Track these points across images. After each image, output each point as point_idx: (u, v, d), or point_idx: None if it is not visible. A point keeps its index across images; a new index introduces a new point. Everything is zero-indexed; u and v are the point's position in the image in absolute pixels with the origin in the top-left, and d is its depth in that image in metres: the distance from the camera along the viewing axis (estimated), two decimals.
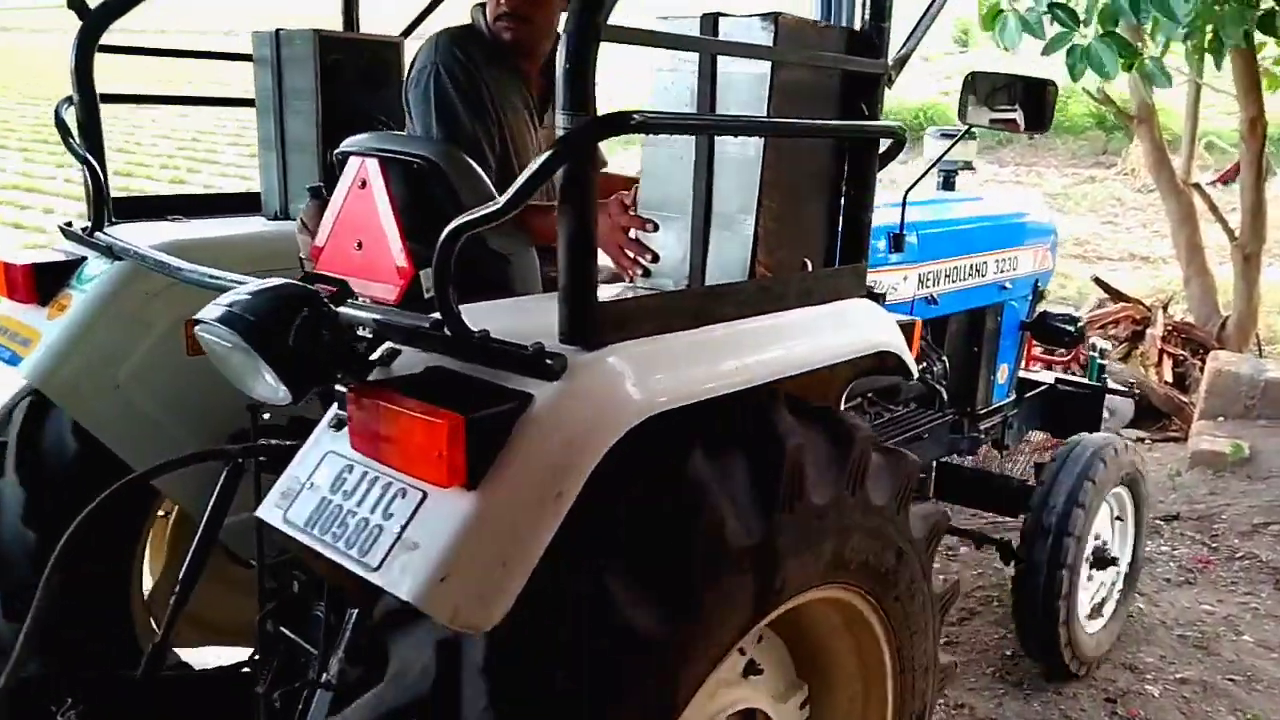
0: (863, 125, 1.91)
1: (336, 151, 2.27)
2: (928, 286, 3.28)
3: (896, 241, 3.09)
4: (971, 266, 3.47)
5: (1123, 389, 4.14)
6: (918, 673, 2.17)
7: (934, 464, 3.44)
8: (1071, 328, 3.89)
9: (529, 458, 1.35)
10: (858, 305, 1.99)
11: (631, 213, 1.97)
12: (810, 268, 1.92)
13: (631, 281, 2.00)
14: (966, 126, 3.09)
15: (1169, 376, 6.45)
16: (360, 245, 2.14)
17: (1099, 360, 4.14)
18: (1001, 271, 3.63)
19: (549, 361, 1.40)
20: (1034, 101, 3.09)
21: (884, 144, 2.04)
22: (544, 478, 1.35)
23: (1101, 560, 3.57)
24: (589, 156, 1.44)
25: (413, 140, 2.28)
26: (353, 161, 2.17)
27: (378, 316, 1.63)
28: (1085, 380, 4.19)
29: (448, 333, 1.50)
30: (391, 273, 2.08)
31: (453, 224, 1.47)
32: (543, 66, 2.48)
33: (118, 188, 2.57)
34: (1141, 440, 5.79)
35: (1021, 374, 4.24)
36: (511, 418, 1.36)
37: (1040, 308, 4.14)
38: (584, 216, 1.44)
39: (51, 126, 2.50)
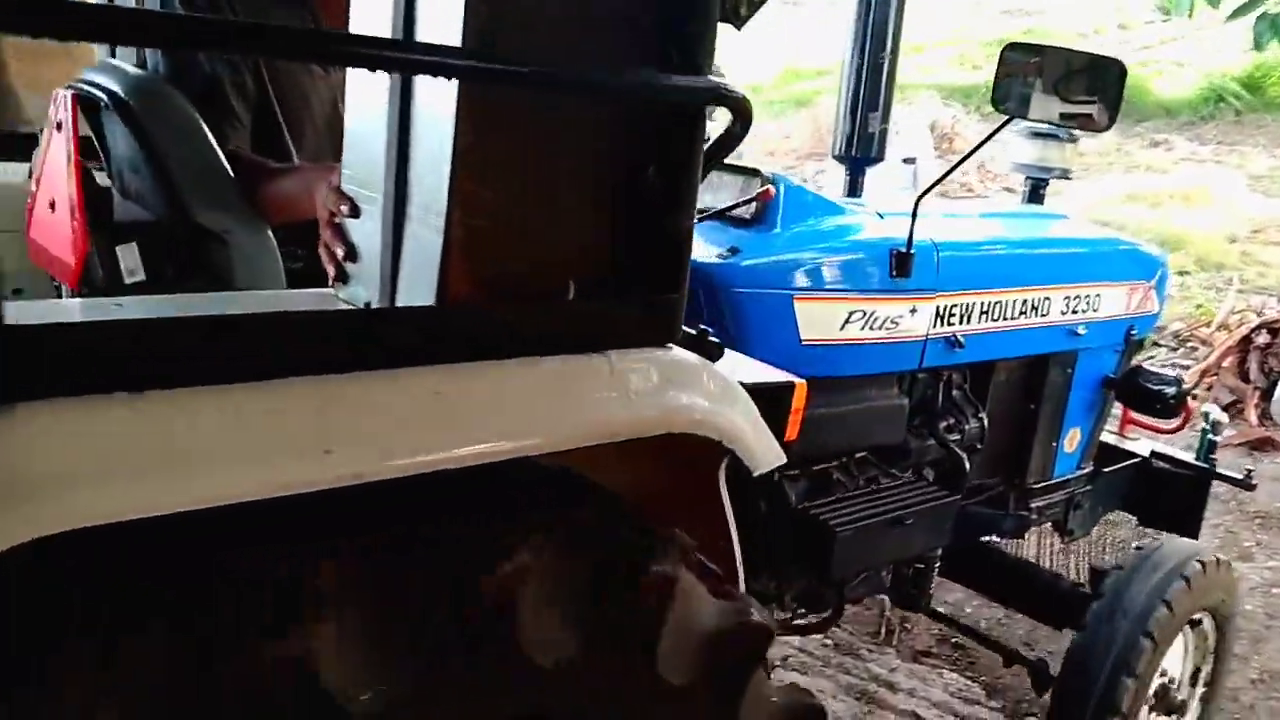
0: (663, 83, 1.21)
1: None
2: (949, 324, 2.50)
3: (901, 262, 2.33)
4: (1024, 302, 2.65)
5: (1236, 476, 3.20)
6: None
7: (937, 557, 2.65)
8: (1170, 390, 3.00)
9: None
10: (655, 360, 1.29)
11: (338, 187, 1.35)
12: (573, 294, 1.25)
13: (332, 287, 1.38)
14: (1005, 119, 2.27)
15: None
16: (53, 205, 1.61)
17: (1210, 436, 3.22)
18: (1074, 312, 2.80)
19: None
20: (1110, 89, 2.28)
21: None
22: None
23: (1168, 706, 2.72)
24: None
25: (105, 69, 1.71)
26: (58, 96, 1.64)
27: None
28: (1189, 459, 3.27)
29: None
30: (65, 243, 1.54)
31: None
32: None
33: None
34: None
35: (1111, 440, 3.38)
36: None
37: (1142, 359, 3.27)
38: None
39: None
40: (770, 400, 1.47)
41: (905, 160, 6.19)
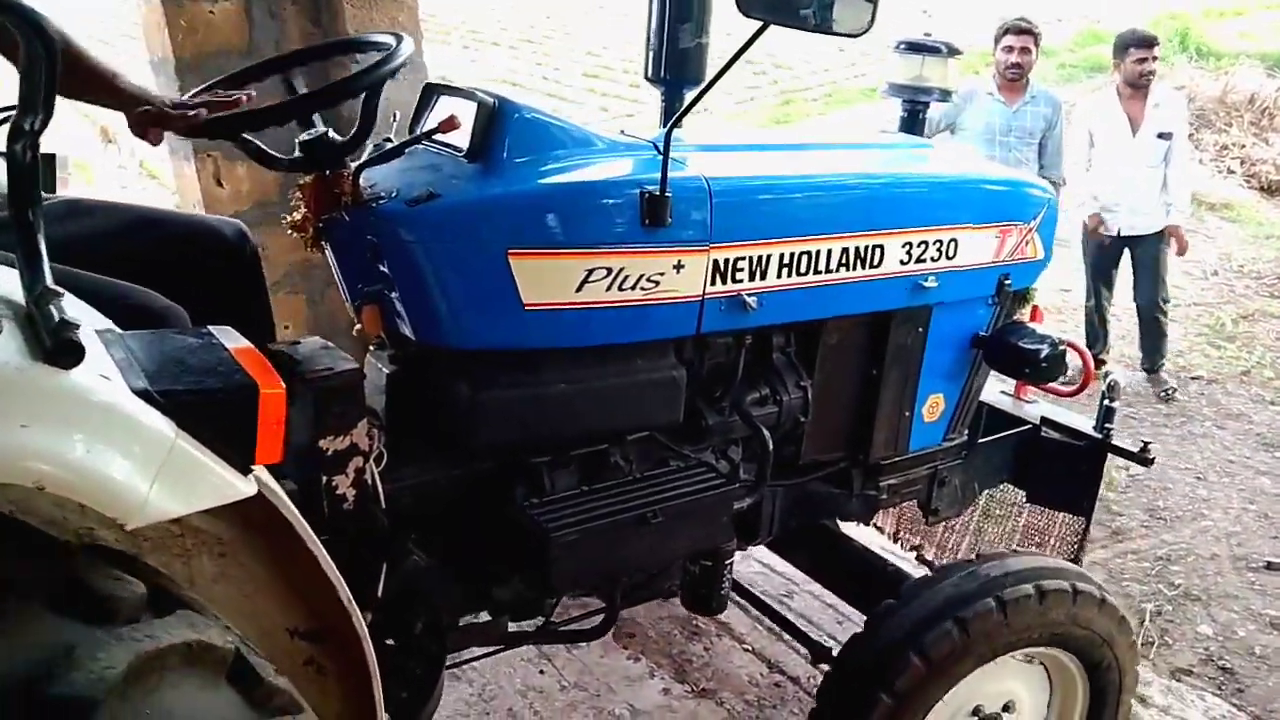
0: None
1: None
2: (734, 280, 2.07)
3: (653, 208, 1.90)
4: (843, 252, 2.21)
5: (1132, 450, 2.76)
6: None
7: (729, 553, 2.25)
8: (1042, 348, 2.55)
9: None
10: None
11: None
12: None
13: None
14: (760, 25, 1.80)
15: None
16: None
17: (1108, 402, 2.77)
18: (918, 261, 2.34)
19: None
20: None
21: None
22: None
23: None
24: None
25: None
26: None
27: None
28: (1083, 428, 2.83)
29: None
30: None
31: None
32: None
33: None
34: None
35: (1007, 406, 2.95)
36: None
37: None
38: None
39: None
40: (219, 414, 1.09)
41: (1160, 135, 5.58)
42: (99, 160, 9.99)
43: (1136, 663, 2.42)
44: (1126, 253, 5.93)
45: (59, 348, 0.96)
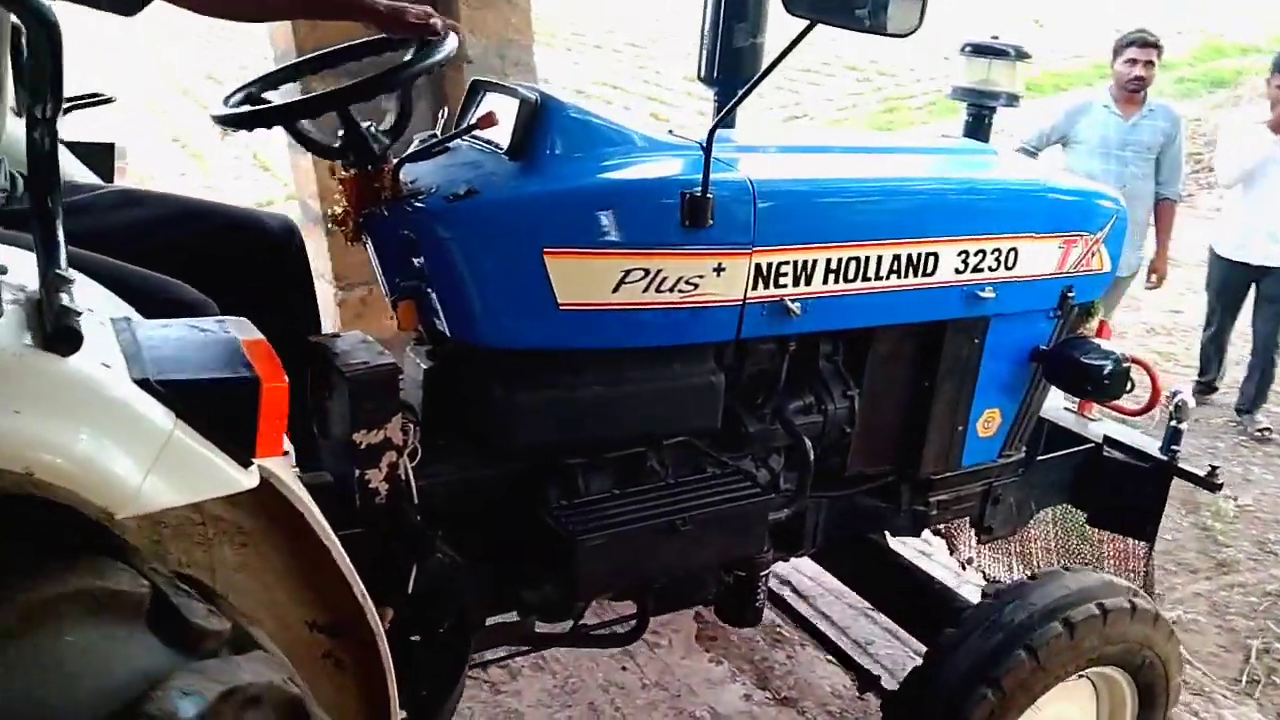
0: None
1: None
2: (776, 285, 2.04)
3: (694, 209, 1.88)
4: (894, 259, 2.16)
5: (1198, 474, 2.64)
6: None
7: (765, 564, 2.22)
8: (1105, 364, 2.45)
9: None
10: None
11: None
12: None
13: None
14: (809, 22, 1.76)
15: None
16: None
17: (1174, 424, 2.66)
18: (974, 270, 2.28)
19: None
20: None
21: None
22: None
23: None
24: None
25: None
26: None
27: None
28: (1148, 449, 2.71)
29: None
30: None
31: None
32: None
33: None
34: None
35: (1061, 421, 2.86)
36: None
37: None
38: None
39: None
40: (220, 405, 1.10)
41: None
42: (215, 152, 10.32)
43: (1178, 646, 2.38)
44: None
45: (58, 334, 0.98)
